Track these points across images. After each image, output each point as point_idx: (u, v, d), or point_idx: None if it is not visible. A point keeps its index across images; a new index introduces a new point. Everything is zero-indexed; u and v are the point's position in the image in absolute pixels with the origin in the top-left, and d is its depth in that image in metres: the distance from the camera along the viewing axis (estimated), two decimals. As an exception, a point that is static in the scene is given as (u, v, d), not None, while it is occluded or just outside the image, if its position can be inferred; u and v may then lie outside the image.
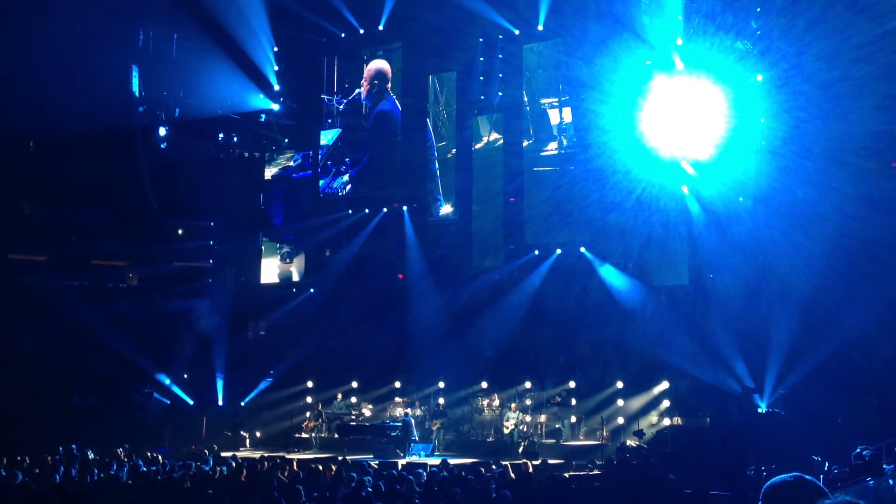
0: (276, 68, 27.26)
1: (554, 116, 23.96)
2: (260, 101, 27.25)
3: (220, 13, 24.59)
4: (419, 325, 24.84)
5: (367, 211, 27.10)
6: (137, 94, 25.31)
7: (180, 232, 28.40)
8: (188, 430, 24.29)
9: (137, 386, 25.18)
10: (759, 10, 19.89)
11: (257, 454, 20.28)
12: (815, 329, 18.22)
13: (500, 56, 24.81)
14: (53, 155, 24.26)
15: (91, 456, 17.00)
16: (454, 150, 25.91)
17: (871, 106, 17.72)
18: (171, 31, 25.62)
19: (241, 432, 24.97)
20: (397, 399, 24.46)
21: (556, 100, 24.01)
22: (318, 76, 27.87)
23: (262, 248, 28.72)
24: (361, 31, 26.73)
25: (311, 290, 27.37)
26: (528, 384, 23.27)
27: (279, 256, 28.55)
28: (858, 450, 11.30)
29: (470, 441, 23.11)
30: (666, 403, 21.53)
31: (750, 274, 19.92)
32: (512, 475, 13.66)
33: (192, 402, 25.81)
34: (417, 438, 22.29)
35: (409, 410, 23.37)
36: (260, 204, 28.89)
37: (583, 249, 23.32)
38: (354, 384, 25.31)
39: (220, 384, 26.09)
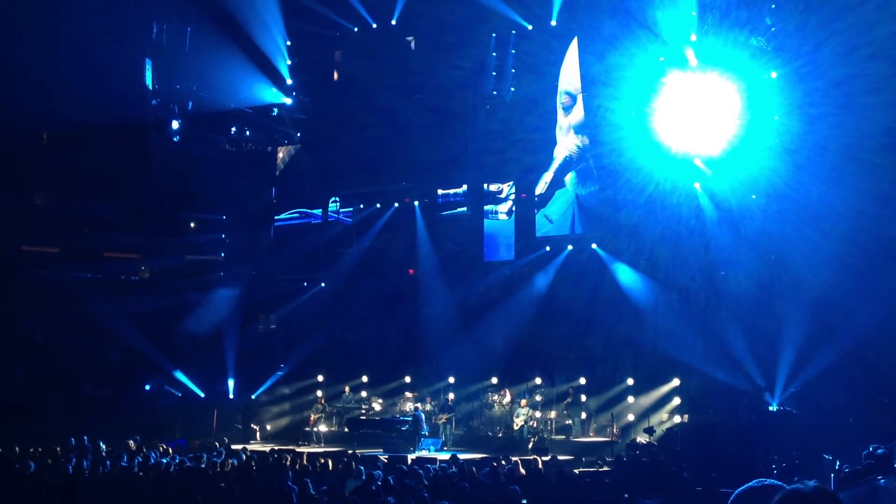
0: (289, 62, 27.27)
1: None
2: (272, 95, 27.27)
3: (234, 7, 24.66)
4: (430, 320, 24.89)
5: (378, 206, 27.13)
6: (151, 87, 25.41)
7: (192, 225, 28.48)
8: (199, 423, 24.37)
9: (148, 379, 25.26)
10: (773, 6, 19.73)
11: (268, 447, 20.35)
12: (827, 327, 18.14)
13: (513, 51, 24.77)
14: (66, 147, 24.36)
15: (103, 447, 17.08)
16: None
17: (885, 103, 17.58)
18: (184, 24, 25.69)
19: (252, 425, 25.04)
20: (407, 394, 24.49)
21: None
22: (330, 71, 27.87)
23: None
24: (374, 26, 26.71)
25: (323, 285, 27.42)
26: (538, 380, 23.26)
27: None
28: (870, 448, 11.24)
29: (479, 436, 23.12)
30: (677, 401, 21.49)
31: (762, 271, 19.85)
32: (521, 471, 13.66)
33: (203, 395, 25.89)
34: (427, 433, 22.31)
35: (418, 405, 23.40)
36: (272, 197, 28.95)
37: (594, 246, 23.29)
38: (365, 378, 25.36)
39: (231, 377, 26.17)
